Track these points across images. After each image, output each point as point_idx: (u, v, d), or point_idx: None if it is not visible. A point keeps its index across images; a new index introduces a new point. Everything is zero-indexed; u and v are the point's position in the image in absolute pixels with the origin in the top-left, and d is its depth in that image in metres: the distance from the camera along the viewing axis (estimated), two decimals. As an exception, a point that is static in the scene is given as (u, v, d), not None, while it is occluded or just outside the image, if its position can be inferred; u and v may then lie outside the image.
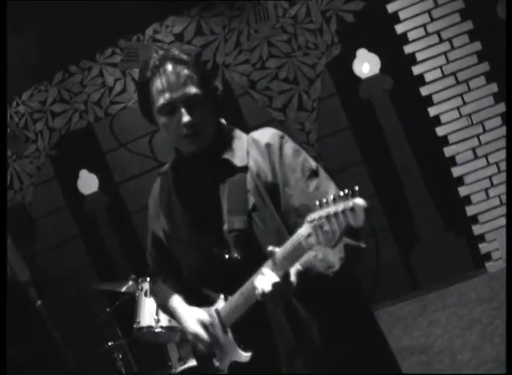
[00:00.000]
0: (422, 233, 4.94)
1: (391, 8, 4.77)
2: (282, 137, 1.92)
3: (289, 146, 1.91)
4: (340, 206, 1.38)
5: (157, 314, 3.80)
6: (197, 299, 2.05)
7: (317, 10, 4.93)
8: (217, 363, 2.00)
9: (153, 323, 3.79)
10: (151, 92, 1.87)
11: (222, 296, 1.93)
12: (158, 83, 1.84)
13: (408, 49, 4.77)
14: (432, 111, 4.77)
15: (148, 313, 3.85)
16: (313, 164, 1.89)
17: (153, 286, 2.40)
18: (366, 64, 4.91)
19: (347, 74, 4.95)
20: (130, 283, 4.27)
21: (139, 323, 3.86)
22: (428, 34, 4.72)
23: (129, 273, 4.44)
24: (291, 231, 1.76)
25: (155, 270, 2.28)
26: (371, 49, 4.89)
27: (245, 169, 1.89)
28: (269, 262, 1.66)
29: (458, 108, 4.70)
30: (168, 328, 3.78)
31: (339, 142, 4.99)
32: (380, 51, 4.88)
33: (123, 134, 5.46)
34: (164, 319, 3.78)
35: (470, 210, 4.75)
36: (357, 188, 1.38)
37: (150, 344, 4.14)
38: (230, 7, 5.09)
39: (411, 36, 4.75)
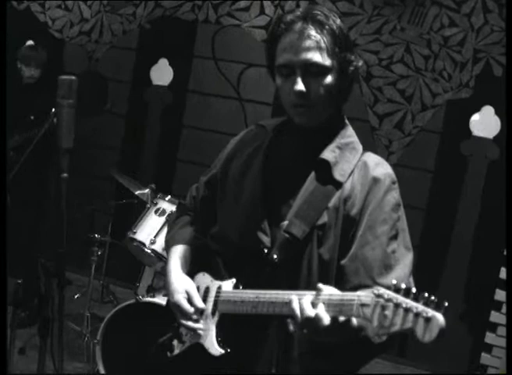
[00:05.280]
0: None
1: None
2: (393, 183, 1.82)
3: (395, 196, 1.81)
4: (418, 307, 1.31)
5: (156, 236, 3.83)
6: (206, 264, 1.99)
7: (471, 45, 4.82)
8: (183, 331, 1.96)
9: (147, 242, 3.81)
10: (277, 48, 1.79)
11: (234, 281, 1.85)
12: (285, 41, 1.76)
13: (533, 134, 4.68)
14: (518, 204, 4.70)
15: (148, 230, 3.87)
16: (402, 226, 1.82)
17: (174, 219, 2.26)
18: (485, 124, 4.82)
19: (461, 122, 4.87)
20: (147, 190, 4.29)
21: (135, 233, 3.89)
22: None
23: (150, 181, 4.50)
24: (343, 274, 1.75)
25: (189, 207, 2.22)
26: (498, 112, 4.80)
27: (339, 185, 1.80)
28: (311, 295, 1.56)
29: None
30: (158, 255, 3.82)
31: (413, 179, 4.95)
32: (504, 120, 4.79)
33: (221, 50, 5.44)
34: (159, 245, 3.81)
35: (495, 316, 4.70)
36: (446, 304, 1.30)
37: (131, 256, 4.19)
38: (394, -7, 5.01)
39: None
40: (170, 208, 3.93)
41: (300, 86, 1.74)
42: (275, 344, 1.81)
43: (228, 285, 1.86)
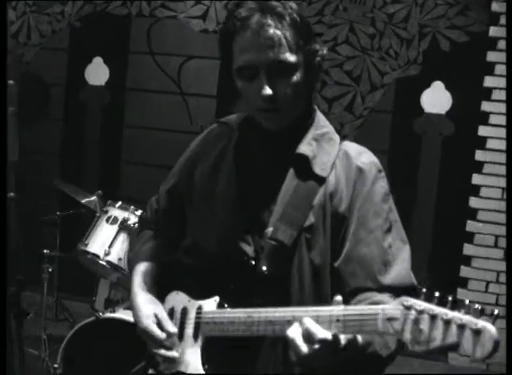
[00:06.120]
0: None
1: (490, 57, 4.56)
2: (380, 171, 1.66)
3: (383, 186, 1.65)
4: (462, 317, 1.12)
5: (110, 246, 3.59)
6: (178, 282, 1.76)
7: (416, 20, 4.69)
8: (159, 360, 1.72)
9: (101, 254, 3.58)
10: (233, 48, 1.58)
11: (216, 299, 1.63)
12: (242, 40, 1.55)
13: (486, 107, 4.58)
14: (477, 179, 4.61)
15: (101, 241, 3.63)
16: (395, 217, 1.66)
17: (136, 235, 2.03)
18: (436, 99, 4.70)
19: (412, 100, 4.74)
20: (94, 198, 4.04)
21: (86, 245, 3.64)
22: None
23: (94, 187, 4.25)
24: (340, 277, 1.58)
25: (151, 221, 1.98)
26: (448, 87, 4.69)
27: (321, 181, 1.62)
28: (324, 312, 1.35)
29: (503, 189, 4.55)
30: (114, 266, 3.59)
31: (369, 162, 4.80)
32: (456, 93, 4.69)
33: (158, 43, 5.18)
34: (114, 256, 3.58)
35: (462, 293, 4.61)
36: (496, 312, 1.15)
37: (82, 268, 3.93)
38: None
39: (495, 95, 4.56)
40: (122, 215, 3.69)
41: (267, 90, 1.54)
42: (269, 364, 1.60)
43: (210, 304, 1.63)
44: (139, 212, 3.70)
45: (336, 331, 1.31)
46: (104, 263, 3.58)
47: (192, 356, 1.63)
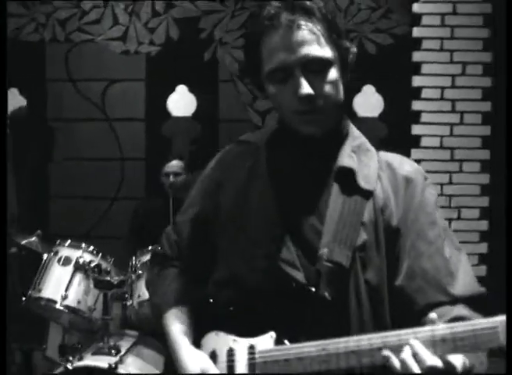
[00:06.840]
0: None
1: (416, 57, 4.62)
2: (426, 178, 1.58)
3: (433, 192, 1.57)
4: None
5: (66, 289, 3.35)
6: (214, 322, 1.57)
7: (342, 25, 4.68)
8: None
9: (57, 299, 3.33)
10: (261, 51, 1.48)
11: (272, 335, 1.46)
12: (271, 40, 1.45)
13: (416, 106, 4.64)
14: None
15: (55, 284, 3.39)
16: (445, 224, 1.56)
17: (157, 274, 1.79)
18: (368, 103, 4.73)
19: (344, 105, 4.73)
20: (34, 238, 3.78)
21: (40, 291, 3.38)
22: (442, 98, 4.61)
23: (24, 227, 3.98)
24: (403, 295, 1.47)
25: (171, 256, 1.76)
26: (379, 90, 4.72)
27: (368, 195, 1.52)
28: (425, 333, 1.24)
29: (441, 184, 4.62)
30: (72, 310, 3.36)
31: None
32: (386, 95, 4.72)
33: (77, 69, 4.95)
34: (72, 299, 3.34)
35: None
36: None
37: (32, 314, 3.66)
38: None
39: (425, 94, 4.62)
40: (75, 254, 3.46)
41: (306, 89, 1.44)
42: None
43: (265, 341, 1.46)
44: (91, 248, 3.50)
45: (442, 353, 1.21)
46: (61, 308, 3.34)
47: None
